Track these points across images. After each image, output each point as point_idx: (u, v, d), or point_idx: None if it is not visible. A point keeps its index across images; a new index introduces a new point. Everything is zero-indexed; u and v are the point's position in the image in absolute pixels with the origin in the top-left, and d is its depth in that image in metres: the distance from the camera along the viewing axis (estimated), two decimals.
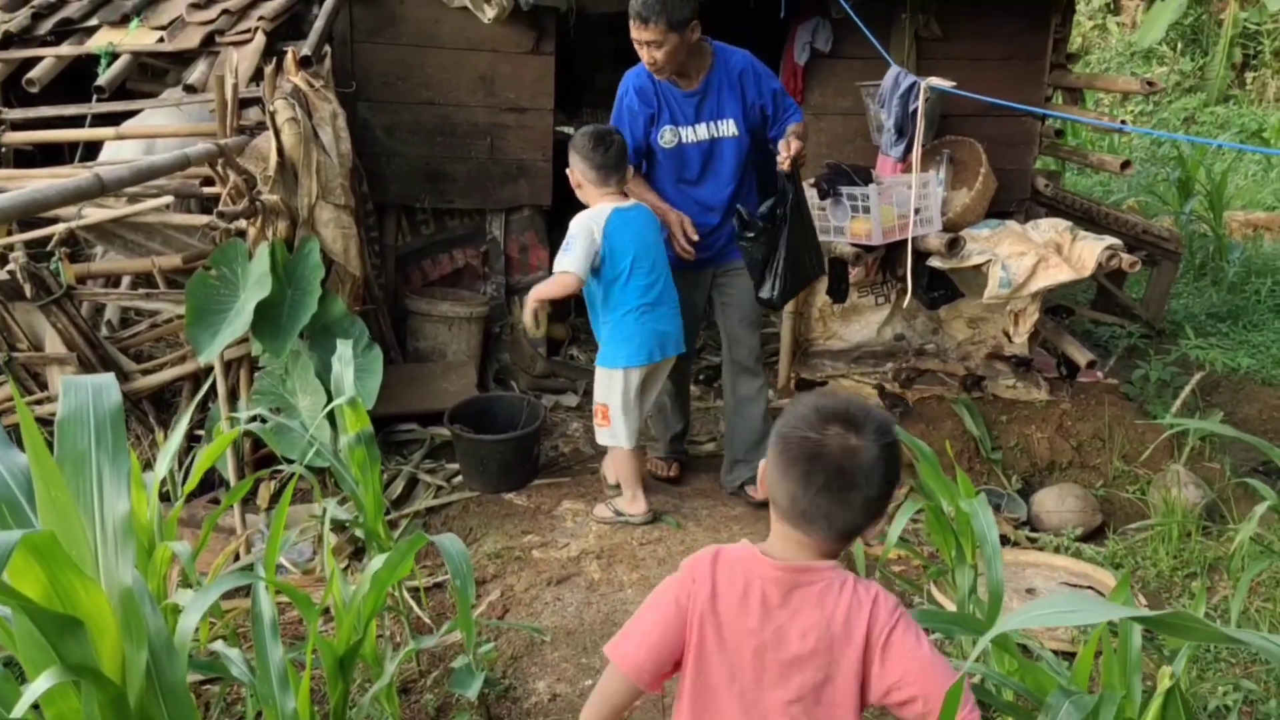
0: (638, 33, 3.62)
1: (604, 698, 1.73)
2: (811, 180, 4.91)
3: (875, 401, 4.95)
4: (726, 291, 4.15)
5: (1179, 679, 1.59)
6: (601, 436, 3.96)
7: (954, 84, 4.16)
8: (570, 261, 3.66)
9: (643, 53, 3.70)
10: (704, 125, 3.88)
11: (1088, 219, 5.71)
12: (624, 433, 3.85)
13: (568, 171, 3.81)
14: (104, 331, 4.21)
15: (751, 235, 3.77)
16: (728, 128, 3.89)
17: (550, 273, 5.41)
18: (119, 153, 4.25)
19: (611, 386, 3.84)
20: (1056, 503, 4.26)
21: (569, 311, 6.31)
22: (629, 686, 1.70)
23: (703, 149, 3.91)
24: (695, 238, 3.92)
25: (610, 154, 3.68)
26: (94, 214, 3.91)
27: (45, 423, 3.07)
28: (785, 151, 3.69)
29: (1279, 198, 9.71)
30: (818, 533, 1.61)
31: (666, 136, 3.88)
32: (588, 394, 5.35)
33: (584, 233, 3.67)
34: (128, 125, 4.31)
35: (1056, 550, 3.96)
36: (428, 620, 3.37)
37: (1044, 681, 2.06)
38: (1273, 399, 5.25)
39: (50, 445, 1.61)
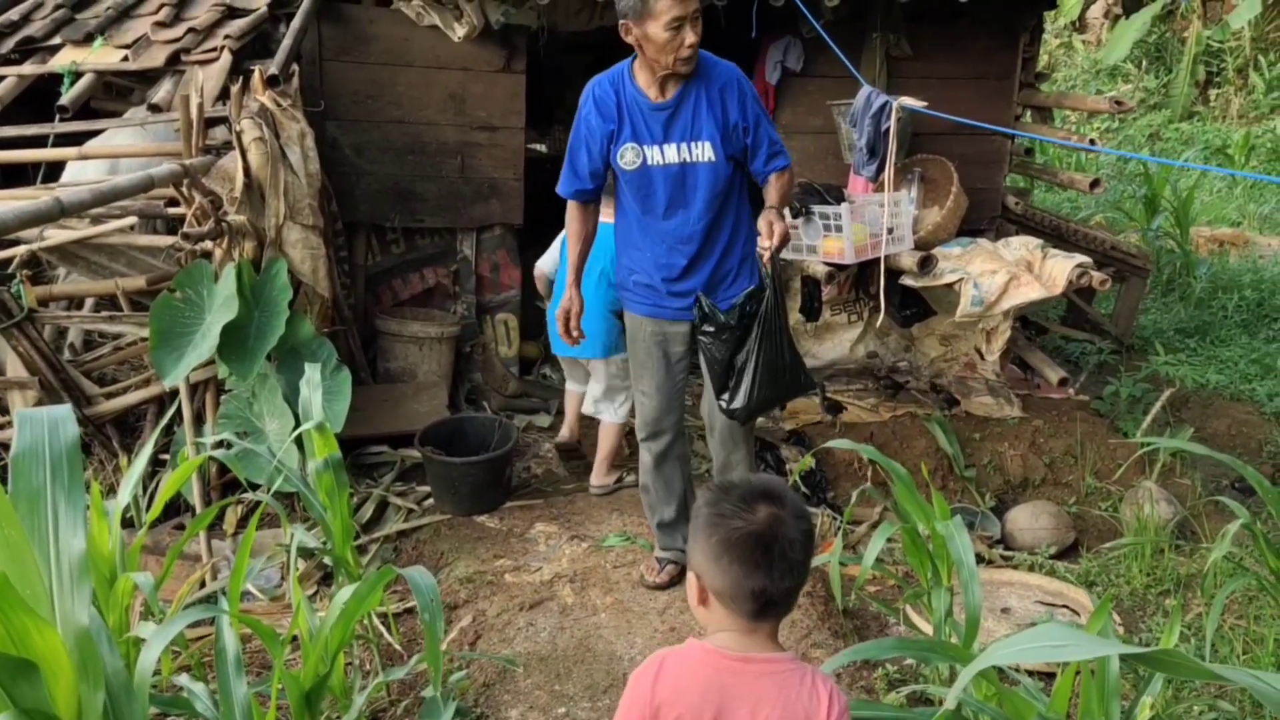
0: (681, 6, 2.96)
1: None
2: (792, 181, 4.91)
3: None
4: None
5: (1158, 706, 1.57)
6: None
7: (925, 104, 4.17)
8: None
9: (679, 37, 3.00)
10: (674, 146, 3.20)
11: (1057, 236, 5.74)
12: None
13: None
14: (66, 355, 4.14)
15: (711, 330, 3.19)
16: (702, 151, 3.20)
17: (520, 292, 5.42)
18: (82, 173, 4.19)
19: None
20: (1030, 520, 4.27)
21: (542, 331, 6.28)
22: None
23: (670, 174, 3.22)
24: (573, 334, 3.42)
25: None
26: (56, 235, 3.85)
27: (7, 447, 3.00)
28: (766, 239, 3.06)
29: (1243, 214, 9.83)
30: (777, 614, 1.62)
31: (628, 157, 3.21)
32: (560, 414, 5.32)
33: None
34: (91, 145, 4.25)
35: (1031, 569, 3.96)
36: (398, 647, 3.32)
37: (1023, 709, 2.04)
38: (1241, 414, 5.29)
39: (4, 479, 1.56)
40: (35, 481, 1.52)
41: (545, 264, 4.58)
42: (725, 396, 3.23)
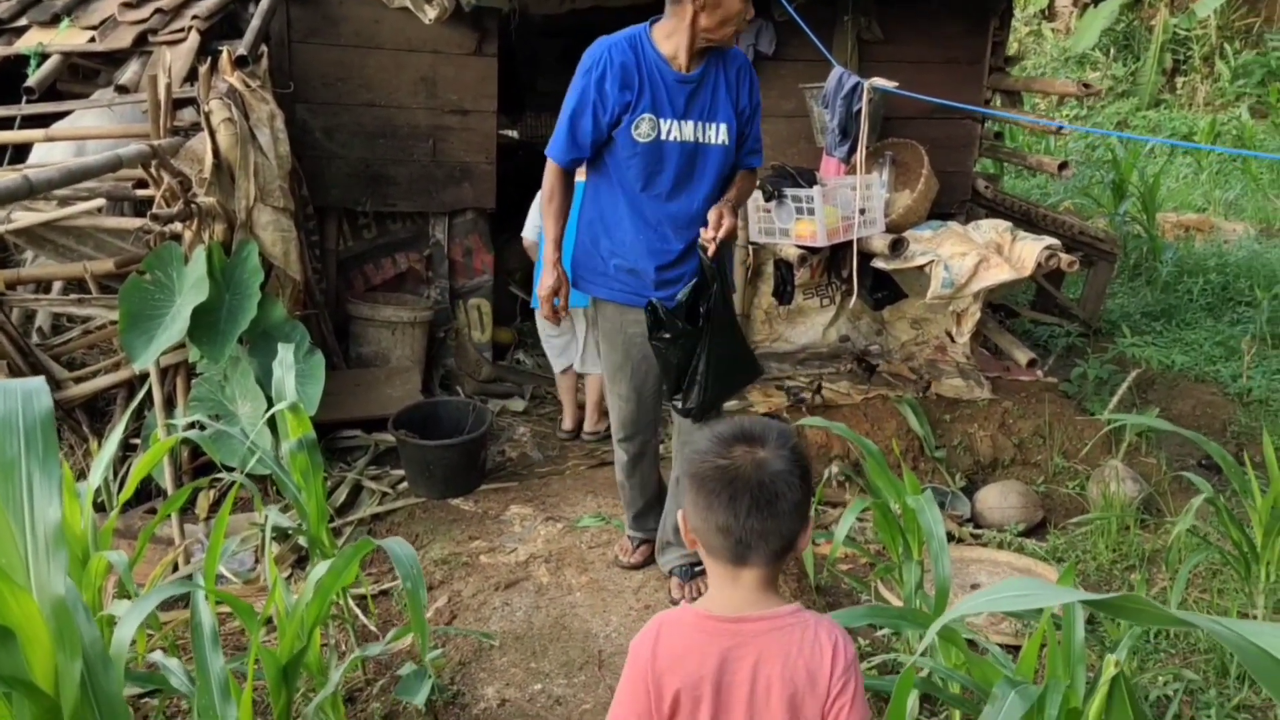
0: None
1: None
2: (757, 182, 4.93)
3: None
4: None
5: (1123, 667, 1.61)
6: None
7: (897, 84, 4.20)
8: None
9: (748, 7, 2.96)
10: (691, 124, 3.06)
11: (1026, 221, 5.80)
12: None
13: None
14: (35, 338, 4.10)
15: (667, 337, 3.02)
16: (719, 133, 3.09)
17: (492, 277, 5.43)
18: (48, 155, 4.15)
19: None
20: (999, 499, 4.32)
21: (515, 316, 6.29)
22: None
23: (685, 152, 3.08)
24: (560, 316, 3.28)
25: None
26: (23, 218, 3.81)
27: None
28: (712, 228, 2.95)
29: (1209, 199, 9.96)
30: (757, 559, 1.58)
31: (643, 128, 3.02)
32: (535, 398, 5.33)
33: None
34: (58, 127, 4.21)
35: (1000, 546, 4.01)
36: (374, 629, 3.32)
37: (990, 674, 2.07)
38: (1205, 395, 5.37)
39: None
40: (9, 453, 1.52)
41: (528, 233, 4.75)
42: (679, 397, 3.09)
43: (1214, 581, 3.60)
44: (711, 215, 2.96)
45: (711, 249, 2.94)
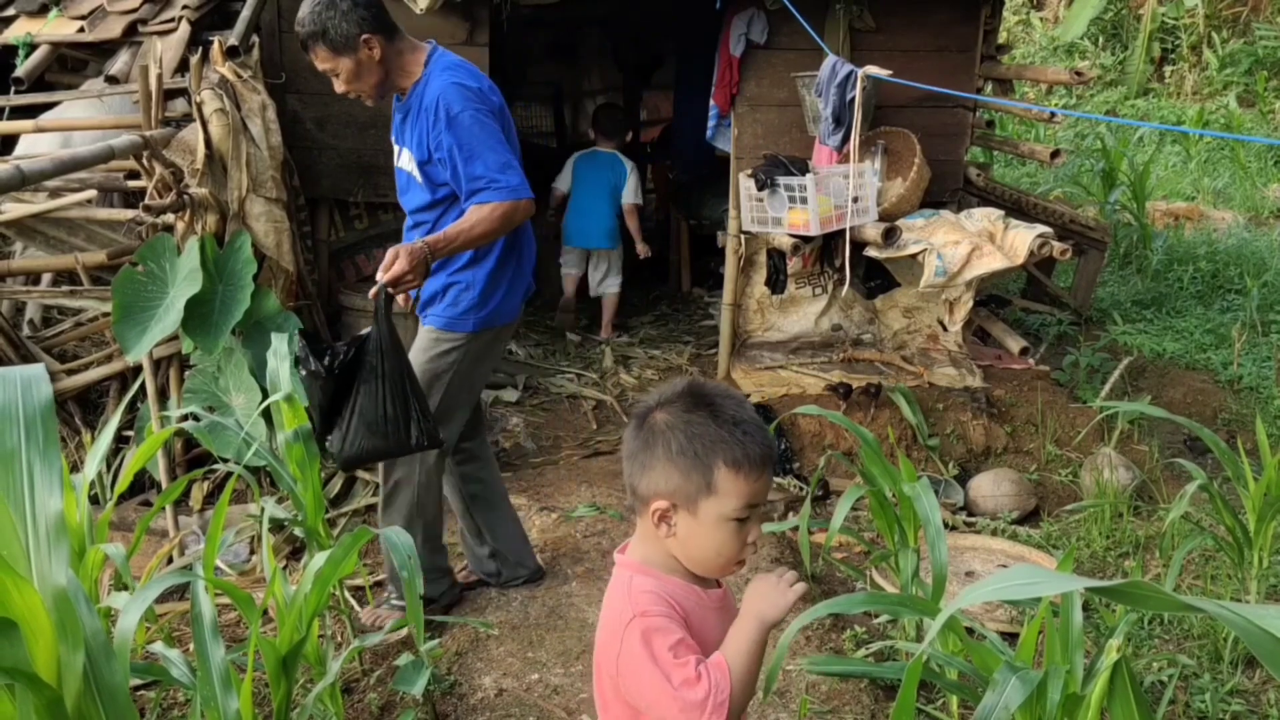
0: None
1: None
2: (749, 171, 4.93)
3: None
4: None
5: (1124, 652, 1.62)
6: None
7: (890, 72, 4.20)
8: None
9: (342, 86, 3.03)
10: (401, 149, 3.12)
11: (1018, 210, 5.80)
12: None
13: None
14: (26, 331, 4.08)
15: (303, 373, 2.86)
16: (407, 162, 3.09)
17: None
18: (34, 147, 4.12)
19: None
20: (992, 487, 4.33)
21: None
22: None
23: (401, 177, 3.18)
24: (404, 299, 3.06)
25: None
26: (13, 209, 3.78)
27: None
28: (381, 271, 2.75)
29: (1198, 188, 9.99)
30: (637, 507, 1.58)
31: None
32: (528, 388, 5.32)
33: None
34: (47, 117, 4.18)
35: (994, 534, 4.03)
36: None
37: (990, 660, 2.08)
38: (1196, 382, 5.40)
39: None
40: (9, 443, 1.51)
41: (560, 183, 6.35)
42: (330, 437, 2.88)
43: (1207, 568, 3.62)
44: (389, 254, 2.79)
45: (373, 290, 2.76)
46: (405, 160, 3.11)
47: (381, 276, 2.73)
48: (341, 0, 2.86)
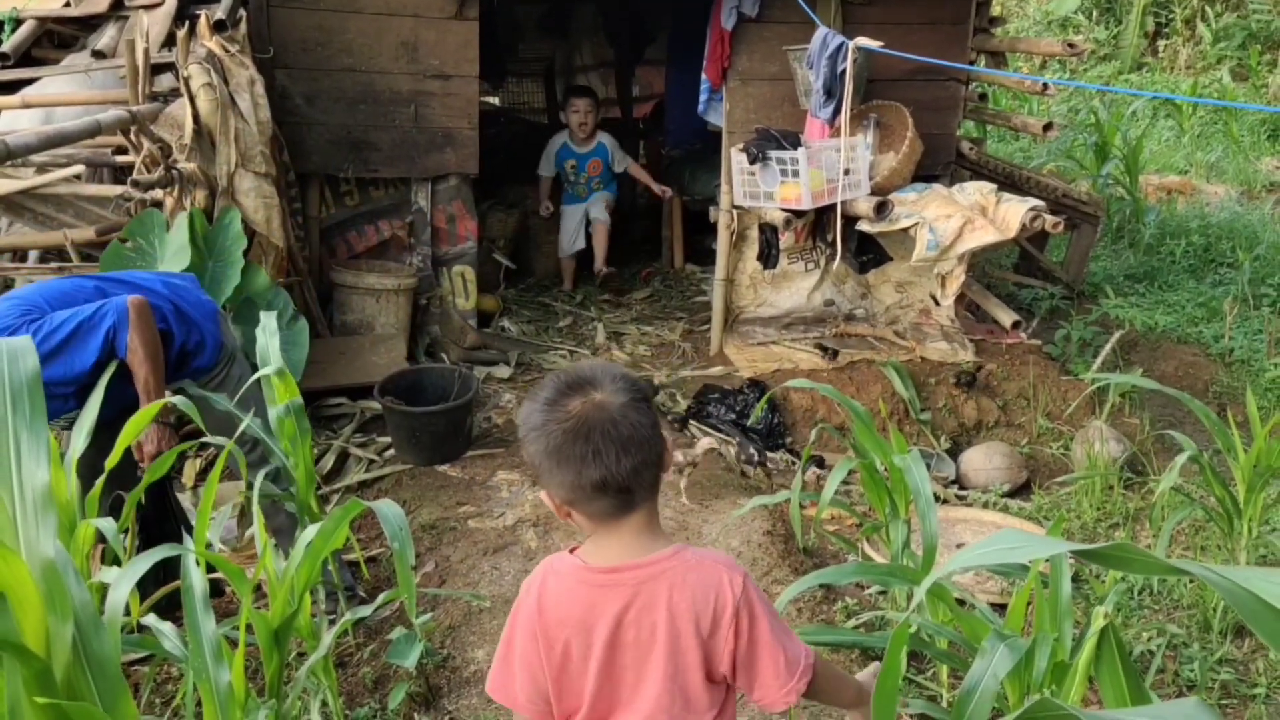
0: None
1: None
2: (741, 145, 4.92)
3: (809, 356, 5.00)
4: None
5: (1113, 620, 1.63)
6: None
7: (882, 44, 4.18)
8: None
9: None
10: None
11: (1010, 184, 5.80)
12: None
13: None
14: None
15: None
16: None
17: (476, 244, 5.44)
18: (15, 123, 4.09)
19: None
20: (984, 461, 4.35)
21: (499, 283, 6.27)
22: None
23: None
24: None
25: None
26: (1, 185, 3.76)
27: None
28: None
29: (1191, 162, 9.98)
30: (641, 498, 1.51)
31: None
32: (520, 365, 5.32)
33: None
34: (32, 93, 4.15)
35: (985, 506, 4.04)
36: (362, 594, 3.32)
37: (978, 629, 2.09)
38: (1188, 356, 5.41)
39: None
40: None
41: (543, 169, 6.48)
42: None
43: (1197, 538, 3.64)
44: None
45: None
46: None
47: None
48: None
